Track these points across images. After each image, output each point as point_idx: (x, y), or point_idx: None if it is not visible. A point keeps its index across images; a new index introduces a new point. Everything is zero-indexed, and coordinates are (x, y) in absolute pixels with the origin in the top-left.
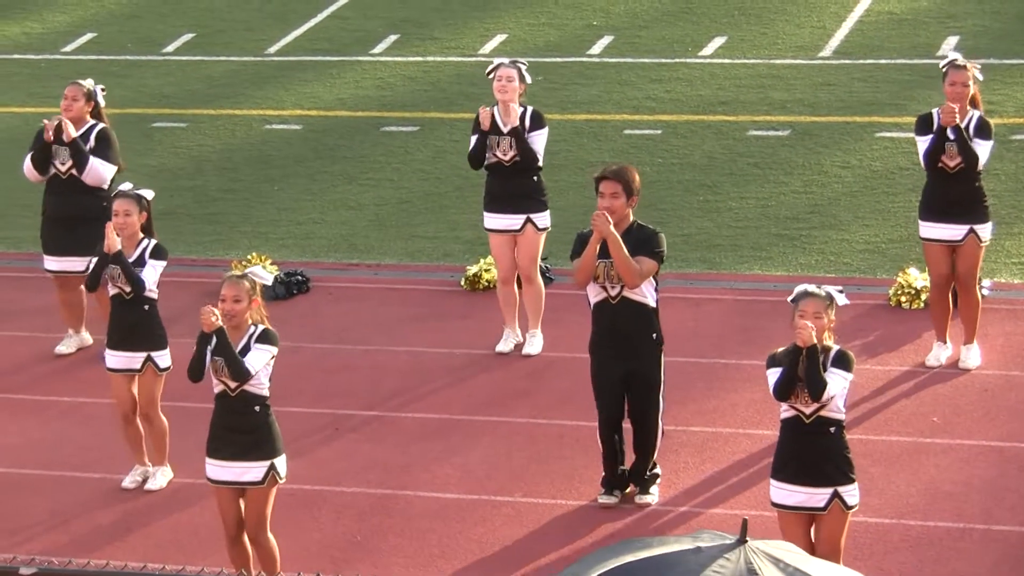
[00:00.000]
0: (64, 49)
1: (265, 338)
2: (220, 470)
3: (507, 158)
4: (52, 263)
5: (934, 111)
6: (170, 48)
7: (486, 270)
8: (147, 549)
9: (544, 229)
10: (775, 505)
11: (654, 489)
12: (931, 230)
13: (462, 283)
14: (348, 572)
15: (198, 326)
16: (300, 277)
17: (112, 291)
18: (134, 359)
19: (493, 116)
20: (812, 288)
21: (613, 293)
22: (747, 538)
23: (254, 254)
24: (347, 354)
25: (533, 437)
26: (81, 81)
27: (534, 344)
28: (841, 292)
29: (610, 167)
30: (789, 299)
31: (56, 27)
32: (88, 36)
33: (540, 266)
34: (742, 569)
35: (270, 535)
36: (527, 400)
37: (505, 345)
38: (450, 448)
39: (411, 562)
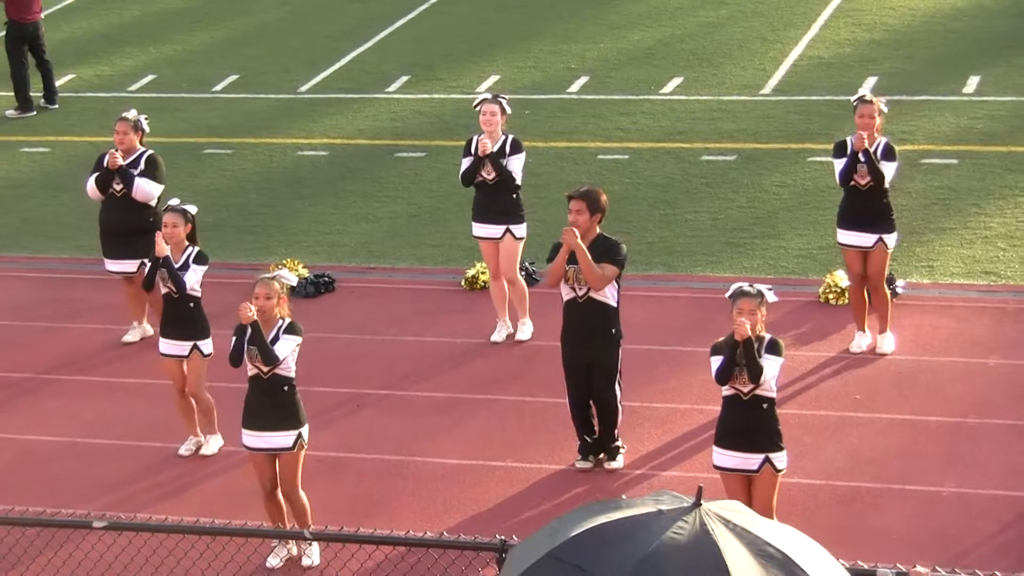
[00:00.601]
0: (130, 88)
1: (291, 330)
2: (255, 439)
3: (490, 178)
4: (111, 265)
5: (848, 138)
6: (218, 87)
7: (482, 272)
8: (199, 505)
9: (521, 238)
10: (716, 468)
11: (619, 458)
12: (847, 237)
13: (462, 283)
14: (368, 525)
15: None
16: (327, 278)
17: (163, 290)
18: (182, 347)
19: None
20: (746, 287)
21: (580, 293)
22: (701, 501)
23: (288, 259)
24: (366, 343)
25: (522, 412)
26: (127, 115)
27: (524, 331)
28: (770, 290)
29: (579, 188)
30: (727, 295)
31: (123, 70)
32: (150, 77)
33: (528, 268)
34: (697, 529)
35: (302, 492)
36: (517, 382)
37: (498, 335)
38: (452, 421)
39: (420, 517)
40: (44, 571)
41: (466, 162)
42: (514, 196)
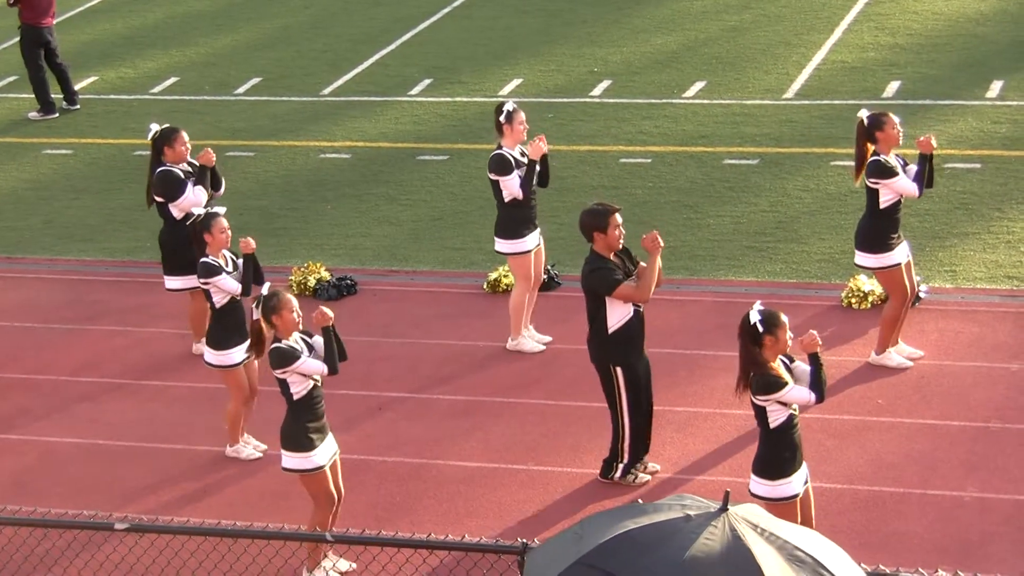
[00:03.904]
0: (152, 90)
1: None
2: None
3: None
4: (181, 281)
5: (887, 157)
6: (241, 90)
7: (504, 276)
8: (220, 509)
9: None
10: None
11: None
12: (904, 252)
13: (484, 287)
14: (389, 528)
15: None
16: (349, 281)
17: (224, 300)
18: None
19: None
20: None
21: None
22: (727, 506)
23: (310, 262)
24: (389, 346)
25: (544, 416)
26: (181, 129)
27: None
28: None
29: (614, 204)
30: (761, 331)
31: (146, 72)
32: (172, 80)
33: (549, 272)
34: (728, 535)
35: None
36: (539, 385)
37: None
38: (474, 425)
39: (442, 520)
40: (66, 573)
41: (519, 173)
42: None
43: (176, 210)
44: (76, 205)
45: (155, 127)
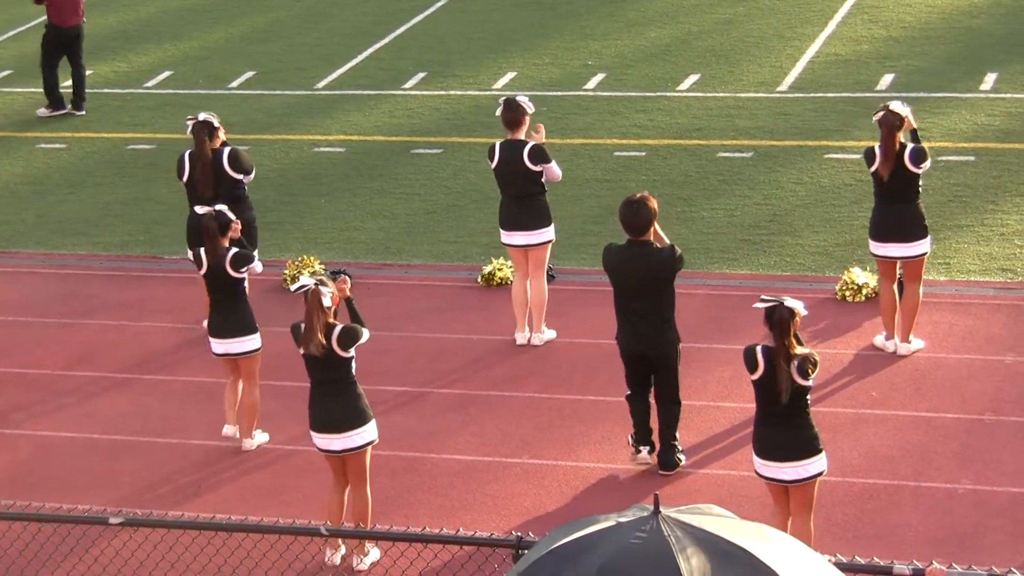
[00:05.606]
0: (146, 84)
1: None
2: None
3: None
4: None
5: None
6: (235, 84)
7: (499, 269)
8: (215, 503)
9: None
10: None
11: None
12: None
13: (479, 280)
14: (383, 522)
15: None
16: (343, 275)
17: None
18: None
19: None
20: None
21: None
22: (660, 509)
23: (305, 255)
24: (384, 340)
25: (539, 409)
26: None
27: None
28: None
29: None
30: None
31: (140, 66)
32: (166, 73)
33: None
34: (653, 536)
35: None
36: (534, 378)
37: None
38: (469, 418)
39: (436, 514)
40: (60, 567)
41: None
42: None
43: (247, 182)
44: (70, 199)
45: (193, 119)
